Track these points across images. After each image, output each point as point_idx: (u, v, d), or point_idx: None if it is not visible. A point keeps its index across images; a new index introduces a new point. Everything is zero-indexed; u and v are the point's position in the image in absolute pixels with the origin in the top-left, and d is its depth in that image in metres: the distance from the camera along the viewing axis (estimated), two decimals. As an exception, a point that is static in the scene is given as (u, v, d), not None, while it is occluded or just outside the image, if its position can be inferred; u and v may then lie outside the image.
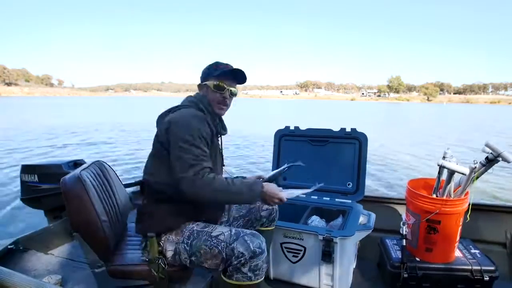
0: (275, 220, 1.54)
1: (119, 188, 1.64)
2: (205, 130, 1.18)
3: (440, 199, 1.58)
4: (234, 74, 1.30)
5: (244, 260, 1.11)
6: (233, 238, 1.15)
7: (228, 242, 1.14)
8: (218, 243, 1.15)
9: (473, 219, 1.78)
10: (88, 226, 1.27)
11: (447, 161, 1.57)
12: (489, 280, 1.56)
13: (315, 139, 2.08)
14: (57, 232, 2.03)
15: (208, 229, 1.22)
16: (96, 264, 1.30)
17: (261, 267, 1.14)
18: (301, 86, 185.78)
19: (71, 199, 1.27)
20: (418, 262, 1.64)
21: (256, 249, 1.12)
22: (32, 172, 2.01)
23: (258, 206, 1.48)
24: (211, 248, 1.15)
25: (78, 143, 10.04)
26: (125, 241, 1.49)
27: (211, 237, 1.18)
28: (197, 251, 1.18)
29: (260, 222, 1.49)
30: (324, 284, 1.65)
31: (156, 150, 1.24)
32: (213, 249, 1.15)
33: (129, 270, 1.29)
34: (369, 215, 1.79)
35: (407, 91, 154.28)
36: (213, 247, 1.15)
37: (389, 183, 5.86)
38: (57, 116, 20.60)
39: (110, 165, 1.68)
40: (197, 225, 1.25)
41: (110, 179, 1.58)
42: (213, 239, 1.17)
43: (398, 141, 11.76)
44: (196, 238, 1.19)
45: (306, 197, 2.04)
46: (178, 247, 1.21)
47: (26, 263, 1.79)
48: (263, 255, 1.15)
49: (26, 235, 1.94)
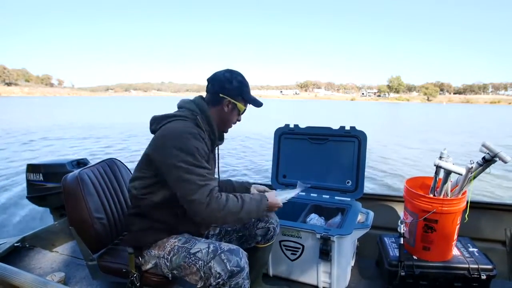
0: (273, 238, 1.47)
1: None
2: (203, 147, 1.15)
3: (437, 198, 1.59)
4: (256, 105, 1.32)
5: (222, 281, 1.09)
6: (210, 257, 1.12)
7: (206, 260, 1.12)
8: (196, 260, 1.13)
9: (473, 217, 1.78)
10: (82, 222, 1.34)
11: (444, 161, 1.57)
12: (486, 279, 1.56)
13: (314, 137, 2.09)
14: (61, 230, 2.06)
15: (188, 245, 1.19)
16: (89, 258, 1.36)
17: (242, 284, 1.12)
18: (301, 86, 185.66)
19: (67, 196, 1.35)
20: (415, 260, 1.65)
21: (234, 269, 1.09)
22: (37, 171, 2.05)
23: (253, 222, 1.42)
24: (189, 265, 1.14)
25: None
26: None
27: (189, 254, 1.15)
28: (178, 266, 1.17)
29: (255, 240, 1.44)
30: (322, 282, 1.67)
31: (143, 162, 1.20)
32: (192, 267, 1.13)
33: (119, 268, 1.32)
34: (368, 213, 1.80)
35: (407, 91, 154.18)
36: (191, 264, 1.13)
37: (388, 182, 5.89)
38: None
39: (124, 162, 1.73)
40: (179, 240, 1.22)
41: (120, 177, 1.63)
42: (191, 256, 1.14)
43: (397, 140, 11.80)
44: (176, 254, 1.17)
45: (306, 195, 2.06)
46: (159, 262, 1.20)
47: (31, 260, 1.82)
48: (243, 272, 1.12)
49: (31, 233, 1.98)
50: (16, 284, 1.19)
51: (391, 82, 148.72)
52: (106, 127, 14.24)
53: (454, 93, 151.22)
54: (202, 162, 1.11)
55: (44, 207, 2.18)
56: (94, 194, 1.41)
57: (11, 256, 1.80)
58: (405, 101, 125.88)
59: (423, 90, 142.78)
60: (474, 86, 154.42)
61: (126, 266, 1.28)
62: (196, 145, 1.11)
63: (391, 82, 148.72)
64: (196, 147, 1.11)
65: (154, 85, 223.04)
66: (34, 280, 1.19)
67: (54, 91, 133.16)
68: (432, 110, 50.25)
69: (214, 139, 1.27)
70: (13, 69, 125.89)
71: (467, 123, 21.66)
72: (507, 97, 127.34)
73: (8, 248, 1.81)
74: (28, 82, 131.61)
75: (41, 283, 1.17)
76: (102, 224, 1.38)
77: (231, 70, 1.28)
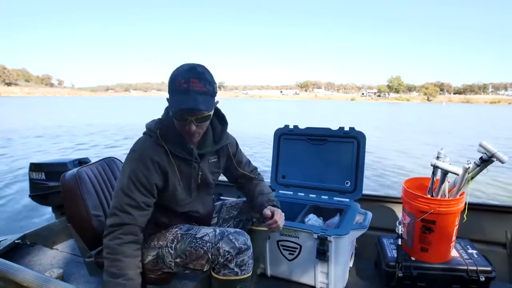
0: None
1: None
2: (144, 171, 1.07)
3: (435, 199, 1.59)
4: (178, 107, 1.04)
5: (230, 257, 1.11)
6: (218, 238, 1.14)
7: (214, 242, 1.13)
8: (204, 244, 1.14)
9: (473, 218, 1.77)
10: (79, 219, 1.37)
11: (441, 161, 1.57)
12: (485, 281, 1.55)
13: (314, 138, 2.09)
14: (62, 228, 2.09)
15: (192, 231, 1.20)
16: (86, 254, 1.38)
17: (247, 262, 1.15)
18: (301, 86, 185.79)
19: (66, 194, 1.38)
20: (413, 261, 1.65)
21: (242, 246, 1.13)
22: (39, 170, 2.08)
23: (251, 206, 1.44)
24: (196, 250, 1.15)
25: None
26: None
27: (195, 238, 1.17)
28: (182, 253, 1.17)
29: (251, 223, 1.45)
30: (319, 282, 1.67)
31: None
32: (199, 250, 1.14)
33: None
34: (366, 214, 1.80)
35: (407, 91, 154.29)
36: (199, 248, 1.14)
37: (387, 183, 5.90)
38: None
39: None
40: (180, 228, 1.24)
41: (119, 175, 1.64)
42: (198, 240, 1.16)
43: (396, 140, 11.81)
44: (180, 241, 1.18)
45: (304, 196, 2.06)
46: (162, 251, 1.20)
47: (32, 257, 1.84)
48: (249, 251, 1.15)
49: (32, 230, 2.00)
50: (15, 280, 1.21)
51: (391, 82, 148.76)
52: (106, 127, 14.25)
53: (454, 93, 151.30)
54: (130, 190, 1.06)
55: (46, 205, 2.21)
56: (92, 192, 1.44)
57: (11, 253, 1.82)
58: (405, 101, 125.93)
59: (423, 90, 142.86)
60: (474, 86, 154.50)
61: None
62: (134, 167, 1.07)
63: (391, 82, 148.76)
64: (133, 169, 1.07)
65: (154, 85, 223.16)
66: (33, 276, 1.21)
67: (54, 91, 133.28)
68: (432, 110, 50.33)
69: (183, 153, 1.15)
70: (13, 69, 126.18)
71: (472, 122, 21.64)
72: (507, 97, 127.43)
73: (9, 245, 1.83)
74: (28, 82, 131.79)
75: (39, 279, 1.19)
76: (100, 221, 1.40)
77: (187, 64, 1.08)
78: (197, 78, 1.03)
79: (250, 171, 1.48)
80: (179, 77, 1.03)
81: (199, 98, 1.02)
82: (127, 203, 1.06)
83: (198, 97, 1.02)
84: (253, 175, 1.49)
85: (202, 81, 1.03)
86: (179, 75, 1.04)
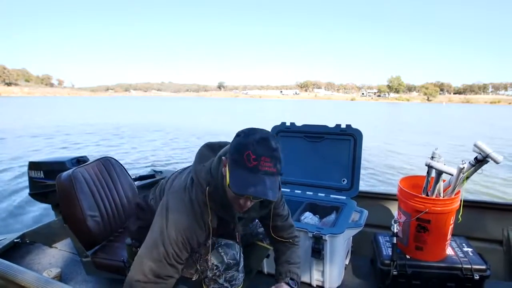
0: None
1: (125, 183, 1.69)
2: (200, 235, 1.00)
3: (430, 198, 1.59)
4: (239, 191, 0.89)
5: (218, 272, 1.09)
6: (207, 249, 1.10)
7: (202, 253, 1.11)
8: (193, 253, 1.11)
9: (470, 216, 1.77)
10: (75, 219, 1.37)
11: (435, 161, 1.57)
12: (479, 279, 1.56)
13: (310, 135, 2.10)
14: (61, 226, 2.09)
15: None
16: (83, 254, 1.39)
17: (237, 277, 1.13)
18: (301, 86, 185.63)
19: (61, 195, 1.38)
20: (408, 259, 1.65)
21: (231, 261, 1.10)
22: (38, 169, 2.08)
23: (256, 223, 1.39)
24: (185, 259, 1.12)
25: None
26: (122, 236, 1.53)
27: None
28: None
29: (256, 238, 1.42)
30: (315, 280, 1.67)
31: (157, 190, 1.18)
32: (188, 259, 1.09)
33: (112, 264, 1.34)
34: (362, 212, 1.80)
35: (407, 91, 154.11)
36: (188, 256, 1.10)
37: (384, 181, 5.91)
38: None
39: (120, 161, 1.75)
40: None
41: (115, 175, 1.64)
42: None
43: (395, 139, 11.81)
44: None
45: (301, 193, 2.06)
46: None
47: (31, 256, 1.85)
48: (238, 266, 1.13)
49: (32, 229, 2.01)
50: (14, 280, 1.21)
51: (391, 82, 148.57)
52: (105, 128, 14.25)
53: (454, 93, 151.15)
54: (179, 249, 0.96)
55: (45, 203, 2.21)
56: (88, 192, 1.43)
57: (11, 252, 1.83)
58: (405, 101, 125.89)
59: (423, 90, 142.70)
60: (474, 86, 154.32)
61: (120, 262, 1.29)
62: (189, 225, 0.97)
63: (391, 82, 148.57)
64: (188, 227, 0.97)
65: (154, 85, 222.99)
66: (30, 275, 1.21)
67: (54, 91, 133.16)
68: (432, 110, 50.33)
69: (225, 216, 1.04)
70: (13, 69, 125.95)
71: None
72: (507, 97, 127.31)
73: (8, 244, 1.84)
74: (28, 82, 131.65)
75: (37, 280, 1.18)
76: (95, 221, 1.40)
77: (258, 131, 0.92)
78: (269, 156, 0.86)
79: (288, 235, 1.29)
80: (249, 150, 0.85)
81: (267, 182, 0.85)
82: (165, 275, 0.96)
83: (267, 180, 0.85)
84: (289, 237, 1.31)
85: (273, 160, 0.86)
86: (249, 147, 0.86)
